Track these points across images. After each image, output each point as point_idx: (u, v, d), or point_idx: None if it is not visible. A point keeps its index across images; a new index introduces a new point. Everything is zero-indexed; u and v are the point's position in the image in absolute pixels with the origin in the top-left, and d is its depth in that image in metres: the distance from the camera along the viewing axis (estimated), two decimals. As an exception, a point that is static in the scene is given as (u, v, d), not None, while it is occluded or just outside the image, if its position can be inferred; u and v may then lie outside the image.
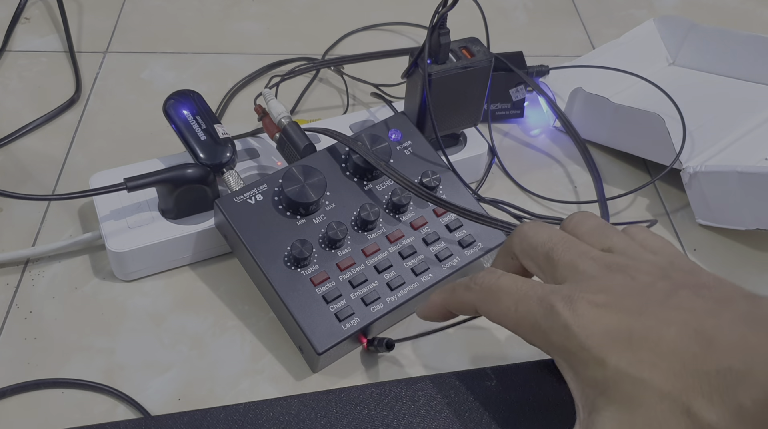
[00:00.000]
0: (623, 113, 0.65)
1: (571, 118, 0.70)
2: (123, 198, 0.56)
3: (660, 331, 0.33)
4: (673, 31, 0.78)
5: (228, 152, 0.56)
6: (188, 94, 0.59)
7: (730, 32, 0.75)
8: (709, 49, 0.76)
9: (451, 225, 0.55)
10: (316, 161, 0.55)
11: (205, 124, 0.57)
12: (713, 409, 0.30)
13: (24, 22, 0.82)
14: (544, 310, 0.36)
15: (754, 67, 0.74)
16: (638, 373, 0.33)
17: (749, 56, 0.74)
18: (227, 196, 0.53)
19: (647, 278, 0.36)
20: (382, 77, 0.73)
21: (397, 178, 0.53)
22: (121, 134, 0.70)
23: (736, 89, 0.74)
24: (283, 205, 0.53)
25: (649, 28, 0.79)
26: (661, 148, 0.64)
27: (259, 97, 0.61)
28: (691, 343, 0.32)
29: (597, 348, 0.34)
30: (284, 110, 0.59)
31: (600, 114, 0.67)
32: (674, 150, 0.62)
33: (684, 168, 0.63)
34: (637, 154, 0.67)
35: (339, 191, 0.54)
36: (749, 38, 0.74)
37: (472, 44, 0.60)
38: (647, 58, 0.78)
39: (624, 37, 0.78)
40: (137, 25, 0.83)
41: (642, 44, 0.78)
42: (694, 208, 0.64)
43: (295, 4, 0.88)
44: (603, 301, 0.35)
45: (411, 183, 0.53)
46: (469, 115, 0.62)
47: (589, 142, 0.70)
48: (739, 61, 0.75)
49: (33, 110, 0.71)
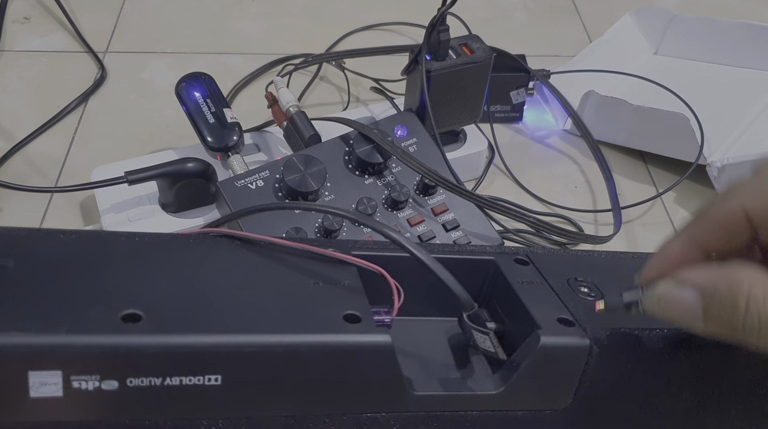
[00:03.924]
0: (644, 114, 0.66)
1: (583, 120, 0.71)
2: (124, 191, 0.56)
3: None
4: (652, 23, 0.80)
5: (235, 136, 0.56)
6: (200, 77, 0.59)
7: (714, 20, 0.77)
8: (693, 37, 0.78)
9: (447, 225, 0.55)
10: (319, 152, 0.55)
11: (215, 107, 0.57)
12: None
13: (24, 22, 0.82)
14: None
15: (741, 53, 0.75)
16: None
17: (734, 43, 0.75)
18: (229, 178, 0.53)
19: None
20: (383, 75, 0.73)
21: (413, 164, 0.53)
22: (121, 134, 0.69)
23: (726, 76, 0.75)
24: (282, 192, 0.53)
25: (626, 22, 0.80)
26: (682, 145, 0.65)
27: (271, 84, 0.62)
28: None
29: None
30: (293, 99, 0.59)
31: (616, 115, 0.68)
32: (698, 147, 0.63)
33: (709, 163, 0.63)
34: (658, 152, 0.68)
35: (339, 183, 0.54)
36: (733, 25, 0.75)
37: (472, 41, 0.60)
38: (631, 52, 0.80)
39: (607, 35, 0.79)
40: (137, 25, 0.83)
41: (624, 39, 0.80)
42: None
43: (295, 4, 0.88)
44: None
45: (427, 169, 0.53)
46: (469, 111, 0.62)
47: (603, 143, 0.71)
48: (725, 47, 0.76)
49: (33, 110, 0.71)
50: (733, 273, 0.29)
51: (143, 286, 0.34)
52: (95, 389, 0.30)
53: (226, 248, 0.38)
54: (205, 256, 0.37)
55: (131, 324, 0.31)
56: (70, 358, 0.30)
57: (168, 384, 0.31)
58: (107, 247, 0.36)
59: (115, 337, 0.30)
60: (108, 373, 0.30)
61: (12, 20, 0.82)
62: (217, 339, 0.31)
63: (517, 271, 0.41)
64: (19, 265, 0.33)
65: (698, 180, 0.68)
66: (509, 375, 0.37)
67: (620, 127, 0.69)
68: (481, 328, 0.37)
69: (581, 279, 0.41)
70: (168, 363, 0.31)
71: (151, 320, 0.31)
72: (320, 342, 0.33)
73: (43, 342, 0.29)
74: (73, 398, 0.30)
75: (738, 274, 0.29)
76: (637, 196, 0.66)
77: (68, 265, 0.34)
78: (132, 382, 0.31)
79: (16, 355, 0.29)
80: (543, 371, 0.37)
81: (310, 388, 0.34)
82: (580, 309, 0.38)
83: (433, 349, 0.41)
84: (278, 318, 0.33)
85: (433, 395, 0.36)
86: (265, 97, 0.61)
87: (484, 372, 0.40)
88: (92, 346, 0.30)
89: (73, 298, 0.32)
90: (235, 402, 0.33)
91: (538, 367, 0.36)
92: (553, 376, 0.37)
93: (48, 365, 0.30)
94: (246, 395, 0.33)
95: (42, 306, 0.31)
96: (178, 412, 0.32)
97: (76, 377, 0.30)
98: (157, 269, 0.35)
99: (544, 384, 0.37)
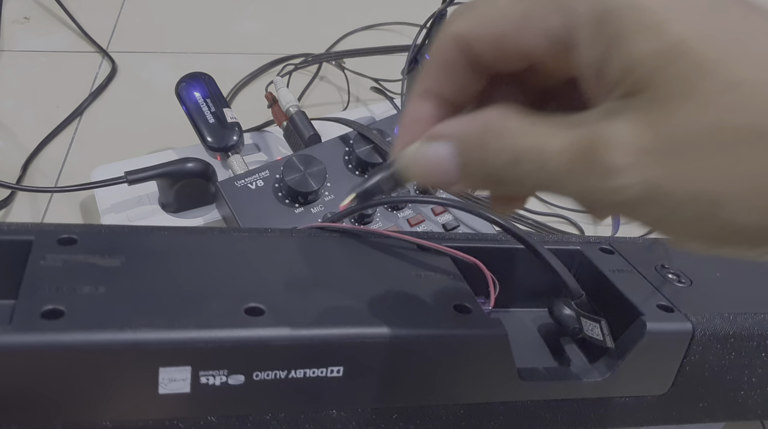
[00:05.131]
0: None
1: None
2: (124, 191, 0.56)
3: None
4: None
5: (235, 136, 0.56)
6: (200, 77, 0.59)
7: None
8: None
9: (447, 225, 0.55)
10: (319, 152, 0.55)
11: (215, 107, 0.57)
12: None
13: (24, 21, 0.82)
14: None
15: None
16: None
17: None
18: (229, 178, 0.53)
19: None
20: (383, 75, 0.73)
21: None
22: (121, 134, 0.69)
23: None
24: (282, 192, 0.53)
25: None
26: None
27: (271, 84, 0.62)
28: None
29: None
30: (293, 99, 0.59)
31: None
32: None
33: None
34: None
35: (339, 183, 0.54)
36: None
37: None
38: None
39: None
40: (137, 25, 0.83)
41: None
42: None
43: (295, 4, 0.88)
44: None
45: None
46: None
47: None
48: None
49: (33, 110, 0.71)
50: (484, 114, 0.25)
51: (257, 280, 0.34)
52: (222, 384, 0.31)
53: (326, 241, 0.39)
54: (310, 249, 0.38)
55: (255, 318, 0.31)
56: (200, 353, 0.30)
57: (292, 376, 0.32)
58: (211, 243, 0.37)
59: (243, 330, 0.30)
60: (235, 367, 0.31)
61: (12, 20, 0.82)
62: (340, 331, 0.32)
63: (605, 259, 0.42)
64: (129, 262, 0.33)
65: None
66: (614, 362, 0.37)
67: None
68: (592, 316, 0.37)
69: (667, 266, 0.42)
70: (293, 356, 0.31)
71: (273, 313, 0.32)
72: (438, 334, 0.34)
73: (175, 337, 0.29)
74: (199, 394, 0.30)
75: (489, 114, 0.24)
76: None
77: (178, 261, 0.34)
78: (258, 376, 0.31)
79: (147, 351, 0.29)
80: (647, 358, 0.37)
81: (427, 378, 0.34)
82: (675, 295, 0.39)
83: (527, 338, 0.42)
84: (394, 311, 0.34)
85: (542, 384, 0.37)
86: (265, 97, 0.61)
87: (580, 360, 0.40)
88: (222, 340, 0.30)
89: (191, 293, 0.32)
90: (354, 392, 0.33)
91: (642, 354, 0.37)
92: (655, 362, 0.38)
93: (178, 361, 0.30)
94: (365, 385, 0.33)
95: (163, 302, 0.31)
96: (300, 404, 0.33)
97: (204, 372, 0.30)
98: (266, 263, 0.36)
99: (647, 370, 0.38)
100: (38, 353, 0.28)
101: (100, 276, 0.32)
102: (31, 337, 0.28)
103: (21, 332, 0.28)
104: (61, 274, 0.31)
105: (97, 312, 0.29)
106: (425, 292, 0.36)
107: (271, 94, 0.61)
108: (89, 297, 0.30)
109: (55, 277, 0.31)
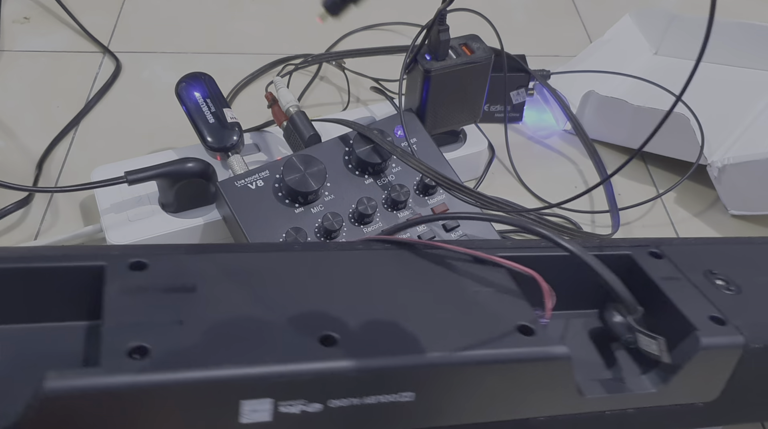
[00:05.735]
0: (644, 114, 0.66)
1: (583, 120, 0.71)
2: (124, 191, 0.56)
3: None
4: (652, 23, 0.80)
5: (235, 136, 0.56)
6: (200, 77, 0.59)
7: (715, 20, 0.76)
8: (693, 37, 0.78)
9: (447, 225, 0.55)
10: (319, 152, 0.55)
11: (215, 107, 0.57)
12: None
13: (24, 21, 0.82)
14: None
15: (741, 53, 0.76)
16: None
17: (734, 43, 0.76)
18: (229, 178, 0.53)
19: None
20: (383, 75, 0.73)
21: (413, 164, 0.53)
22: (121, 134, 0.69)
23: (726, 76, 0.75)
24: (282, 192, 0.53)
25: (626, 23, 0.81)
26: (682, 146, 0.65)
27: (271, 84, 0.62)
28: None
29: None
30: (293, 99, 0.59)
31: (617, 116, 0.68)
32: (698, 147, 0.63)
33: (710, 163, 0.64)
34: (659, 152, 0.68)
35: (339, 183, 0.54)
36: (733, 25, 0.75)
37: (472, 41, 0.60)
38: (632, 52, 0.80)
39: (607, 35, 0.79)
40: (137, 25, 0.83)
41: (624, 39, 0.80)
42: (726, 201, 0.65)
43: (294, 4, 0.88)
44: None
45: (427, 168, 0.53)
46: (470, 111, 0.62)
47: (604, 142, 0.71)
48: (725, 47, 0.76)
49: (33, 110, 0.71)
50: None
51: (326, 301, 0.36)
52: (301, 412, 0.32)
53: (384, 256, 0.40)
54: (371, 265, 0.39)
55: (330, 348, 0.33)
56: (279, 385, 0.31)
57: (366, 403, 0.33)
58: (277, 262, 0.38)
59: (320, 363, 0.32)
60: (313, 396, 0.32)
61: (12, 20, 0.82)
62: (410, 360, 0.33)
63: (654, 265, 0.43)
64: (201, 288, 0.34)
65: (699, 180, 0.68)
66: (668, 375, 0.39)
67: (620, 127, 0.69)
68: (651, 334, 0.38)
69: (716, 271, 0.43)
70: (367, 383, 0.33)
71: (346, 342, 0.33)
72: (504, 356, 0.35)
73: (256, 373, 0.31)
74: (280, 422, 0.32)
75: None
76: (637, 196, 0.66)
77: (249, 284, 0.36)
78: (334, 404, 0.32)
79: (230, 385, 0.30)
80: (700, 370, 0.38)
81: (493, 397, 0.36)
82: (725, 305, 0.40)
83: (580, 345, 0.43)
84: (460, 334, 0.35)
85: (601, 397, 0.38)
86: (265, 97, 0.61)
87: (632, 368, 0.41)
88: (300, 373, 0.31)
89: (265, 320, 0.33)
90: (425, 414, 0.35)
91: (696, 367, 0.38)
92: (708, 373, 0.39)
93: (260, 394, 0.31)
94: (435, 407, 0.35)
95: (241, 333, 0.32)
96: (373, 427, 0.34)
97: (284, 402, 0.31)
98: (332, 282, 0.37)
99: (699, 381, 0.39)
100: (128, 393, 0.29)
101: (177, 305, 0.33)
102: (122, 379, 0.29)
103: (111, 374, 0.29)
104: (139, 304, 0.33)
105: (180, 348, 0.31)
106: (487, 310, 0.37)
107: (271, 94, 0.61)
108: (170, 331, 0.32)
109: (134, 309, 0.32)
